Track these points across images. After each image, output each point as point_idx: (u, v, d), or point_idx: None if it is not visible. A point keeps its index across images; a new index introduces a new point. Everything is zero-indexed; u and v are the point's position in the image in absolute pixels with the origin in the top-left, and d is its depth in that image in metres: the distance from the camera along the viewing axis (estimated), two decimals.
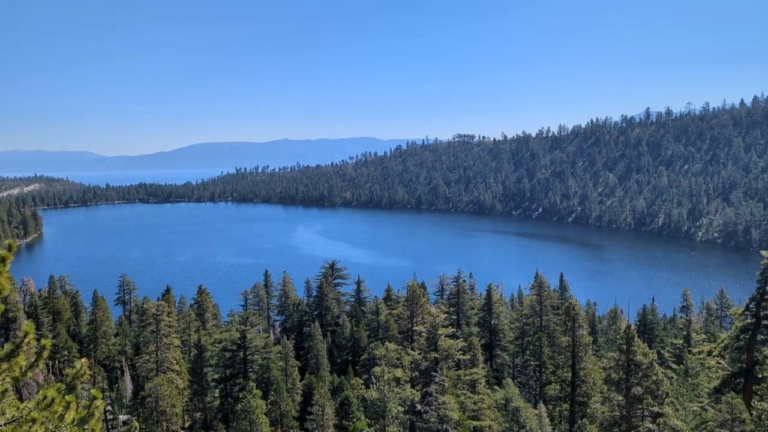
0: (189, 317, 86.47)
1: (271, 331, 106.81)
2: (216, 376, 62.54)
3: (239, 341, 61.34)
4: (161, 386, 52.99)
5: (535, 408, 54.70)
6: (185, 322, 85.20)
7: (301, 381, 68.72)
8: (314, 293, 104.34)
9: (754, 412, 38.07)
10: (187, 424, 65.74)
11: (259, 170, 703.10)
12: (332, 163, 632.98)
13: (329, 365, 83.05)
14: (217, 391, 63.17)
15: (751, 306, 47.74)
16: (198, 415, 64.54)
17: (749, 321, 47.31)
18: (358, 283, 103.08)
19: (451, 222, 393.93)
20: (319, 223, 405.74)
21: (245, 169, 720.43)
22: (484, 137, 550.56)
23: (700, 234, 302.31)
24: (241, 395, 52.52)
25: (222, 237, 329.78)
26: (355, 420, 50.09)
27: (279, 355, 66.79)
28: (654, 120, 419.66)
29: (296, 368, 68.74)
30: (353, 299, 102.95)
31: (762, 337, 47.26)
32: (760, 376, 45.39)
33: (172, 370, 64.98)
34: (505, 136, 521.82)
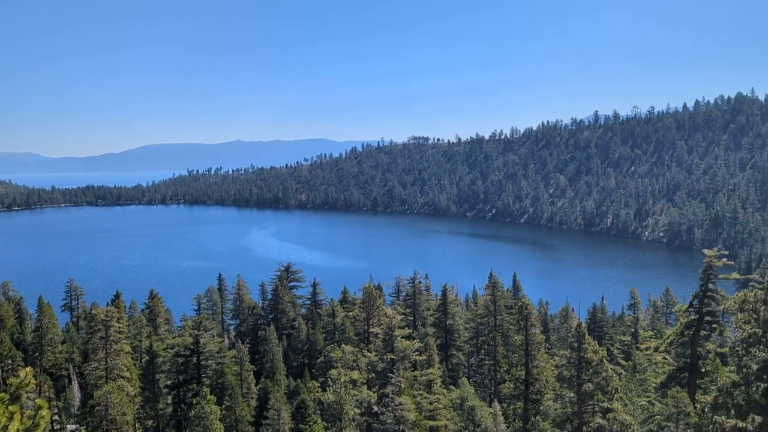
0: (140, 323, 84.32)
1: (226, 336, 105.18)
2: (168, 383, 61.20)
3: (192, 346, 60.19)
4: (111, 394, 51.51)
5: (490, 406, 55.47)
6: (136, 328, 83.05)
7: (256, 385, 67.88)
8: (269, 296, 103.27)
9: (698, 405, 39.49)
10: None
11: (212, 172, 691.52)
12: (287, 165, 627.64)
13: (285, 369, 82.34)
14: (169, 397, 61.81)
15: (694, 303, 49.61)
16: (150, 422, 63.01)
17: (693, 317, 49.15)
18: (314, 285, 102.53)
19: (407, 223, 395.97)
20: (273, 225, 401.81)
21: (198, 170, 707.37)
22: (438, 139, 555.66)
23: (646, 234, 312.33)
24: (194, 401, 51.55)
25: (174, 240, 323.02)
26: (311, 423, 49.78)
27: (234, 359, 65.83)
28: (602, 123, 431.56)
29: (251, 372, 67.86)
30: (309, 302, 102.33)
31: (705, 332, 49.16)
32: (703, 370, 47.20)
33: (122, 377, 63.23)
34: (459, 139, 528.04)
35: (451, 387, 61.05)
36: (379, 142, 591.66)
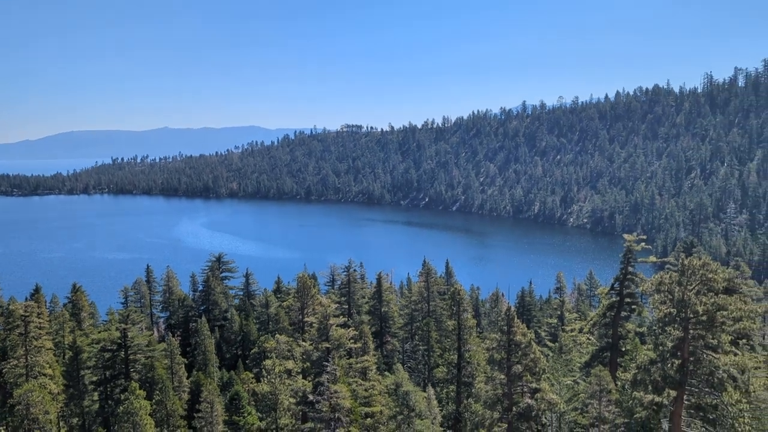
0: (62, 317, 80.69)
1: (155, 329, 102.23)
2: (94, 379, 59.03)
3: (120, 340, 58.25)
4: (32, 392, 49.19)
5: (424, 391, 56.53)
6: (58, 323, 79.43)
7: (188, 378, 66.45)
8: (200, 288, 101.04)
9: (619, 383, 41.64)
10: (63, 431, 61.57)
11: (138, 160, 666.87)
12: (217, 153, 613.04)
13: (218, 361, 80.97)
14: (96, 394, 59.65)
15: (615, 285, 52.12)
16: (75, 420, 60.65)
17: (614, 299, 51.63)
18: (247, 276, 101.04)
19: (341, 212, 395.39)
20: (204, 215, 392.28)
21: (122, 159, 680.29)
22: (371, 127, 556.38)
23: (571, 220, 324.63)
24: (122, 397, 49.97)
25: (98, 231, 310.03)
26: (245, 414, 49.29)
27: (164, 352, 64.14)
28: (530, 113, 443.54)
29: (182, 366, 66.36)
30: (242, 293, 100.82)
31: (625, 313, 51.74)
32: (623, 349, 49.72)
33: (44, 375, 60.43)
34: (392, 127, 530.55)
35: (386, 373, 61.76)
36: (311, 129, 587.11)
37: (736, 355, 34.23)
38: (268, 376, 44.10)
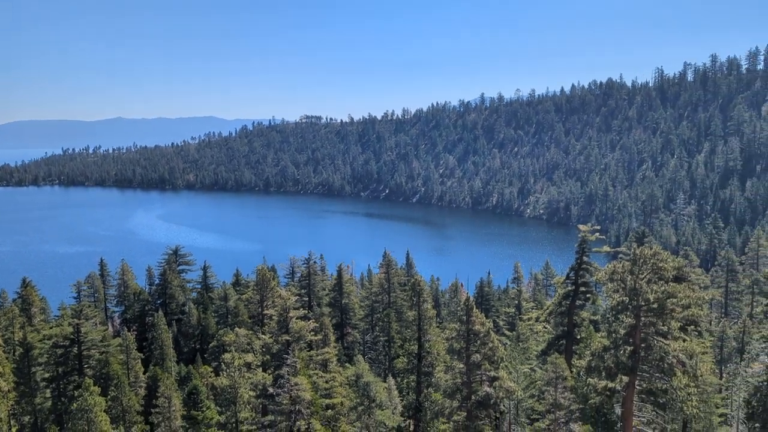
0: (12, 313, 78.06)
1: (110, 324, 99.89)
2: (47, 375, 57.45)
3: (72, 336, 56.80)
4: None
5: (385, 381, 56.91)
6: (7, 319, 76.84)
7: (144, 374, 65.24)
8: (157, 281, 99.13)
9: (574, 370, 42.73)
10: (14, 430, 59.76)
11: (91, 151, 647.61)
12: (173, 144, 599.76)
13: (175, 355, 79.73)
14: (48, 391, 58.06)
15: (570, 275, 53.34)
16: (27, 418, 58.92)
17: (569, 288, 52.86)
18: (205, 268, 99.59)
19: (301, 204, 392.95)
20: (160, 207, 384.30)
21: (74, 149, 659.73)
22: (331, 119, 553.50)
23: (528, 211, 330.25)
24: (76, 394, 48.75)
25: (49, 224, 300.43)
26: (204, 409, 48.74)
27: (119, 348, 62.80)
28: (488, 105, 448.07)
29: (139, 361, 65.10)
30: (200, 286, 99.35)
31: (580, 302, 53.04)
32: (578, 337, 50.98)
33: None
34: (352, 118, 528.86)
35: (347, 365, 61.91)
36: (270, 120, 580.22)
37: (684, 341, 35.53)
38: (228, 370, 43.66)
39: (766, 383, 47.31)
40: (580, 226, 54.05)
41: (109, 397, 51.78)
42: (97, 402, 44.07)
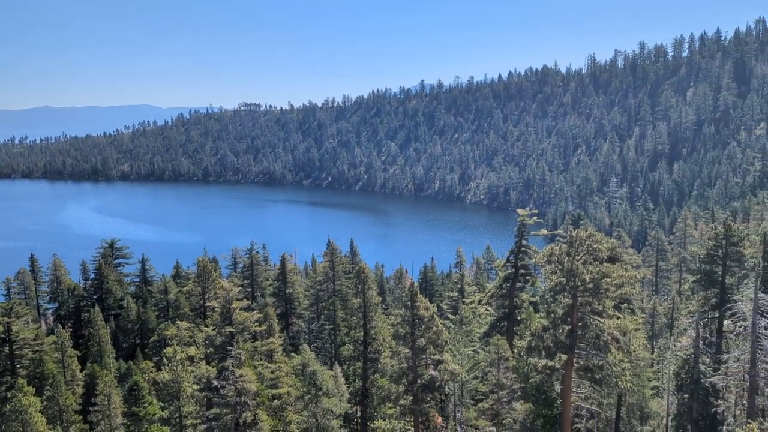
0: None
1: (43, 321, 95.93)
2: None
3: (3, 335, 54.32)
4: None
5: (331, 369, 57.01)
6: None
7: (82, 371, 63.09)
8: (92, 276, 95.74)
9: (515, 350, 43.98)
10: None
11: (17, 141, 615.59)
12: (105, 133, 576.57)
13: (114, 351, 77.37)
14: None
15: (510, 258, 54.69)
16: None
17: (510, 271, 54.20)
18: (143, 261, 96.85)
19: (242, 193, 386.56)
20: (93, 199, 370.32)
21: None
22: (271, 106, 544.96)
23: (469, 197, 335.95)
24: (9, 395, 46.66)
25: None
26: (146, 405, 47.61)
27: (53, 346, 60.45)
28: (428, 92, 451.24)
29: (75, 358, 62.85)
30: (138, 279, 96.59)
31: (520, 284, 54.48)
32: (519, 318, 52.44)
33: None
34: (292, 106, 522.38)
35: (293, 354, 61.63)
36: (208, 108, 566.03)
37: (618, 318, 37.08)
38: (170, 364, 42.80)
39: (693, 356, 49.97)
40: (519, 211, 55.45)
41: (44, 397, 49.86)
42: (32, 402, 42.40)
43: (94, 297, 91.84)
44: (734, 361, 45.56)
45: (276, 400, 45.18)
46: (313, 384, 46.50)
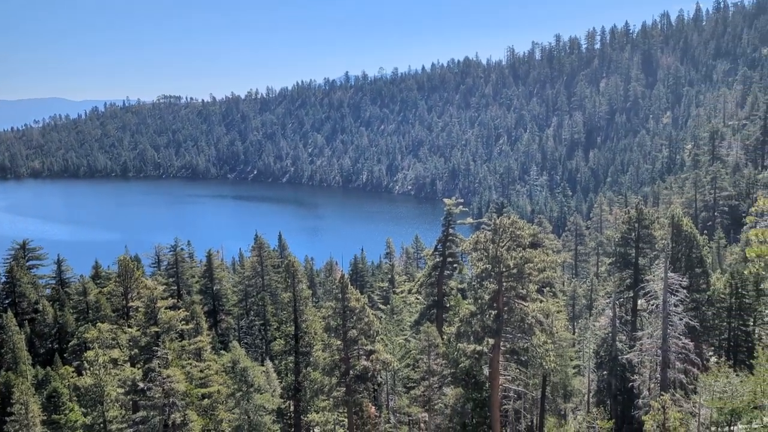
0: None
1: None
2: None
3: None
4: None
5: (263, 365, 56.42)
6: None
7: None
8: (3, 279, 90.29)
9: (445, 337, 44.96)
10: None
11: None
12: (12, 128, 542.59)
13: (30, 357, 73.43)
14: None
15: (438, 247, 55.74)
16: None
17: (438, 260, 55.24)
18: (59, 262, 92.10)
19: (164, 189, 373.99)
20: (1, 198, 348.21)
21: None
22: (191, 98, 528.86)
23: (397, 187, 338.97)
24: None
25: None
26: (67, 411, 45.59)
27: None
28: (353, 83, 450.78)
29: None
30: (54, 281, 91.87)
31: (448, 272, 55.64)
32: (448, 305, 53.59)
33: None
34: (214, 98, 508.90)
35: (223, 352, 60.52)
36: (124, 101, 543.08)
37: (541, 301, 38.60)
38: (91, 368, 41.06)
39: (610, 335, 52.66)
40: (445, 200, 56.57)
41: None
42: None
43: (6, 302, 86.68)
44: (648, 338, 48.38)
45: (206, 399, 44.31)
46: (243, 381, 45.89)
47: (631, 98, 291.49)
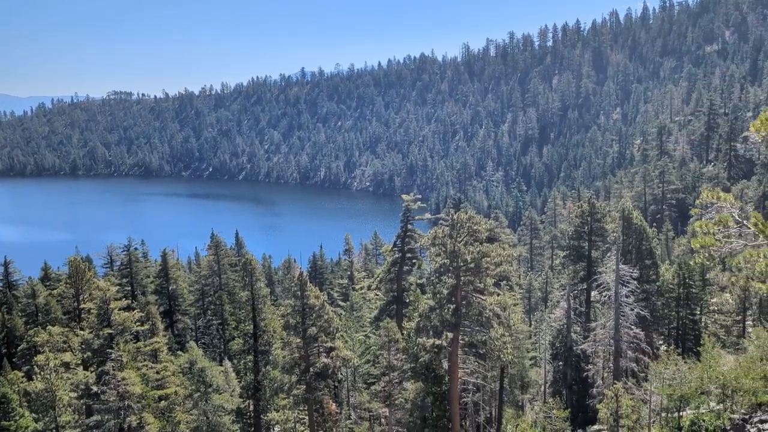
0: None
1: None
2: None
3: None
4: None
5: (221, 365, 55.72)
6: None
7: None
8: None
9: (405, 332, 45.26)
10: None
11: None
12: None
13: None
14: None
15: (397, 243, 56.03)
16: None
17: (397, 255, 55.53)
18: (5, 264, 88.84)
19: (116, 187, 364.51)
20: None
21: None
22: (143, 94, 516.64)
23: (355, 184, 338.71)
24: None
25: None
26: (17, 418, 44.13)
27: None
28: (309, 80, 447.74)
29: None
30: (1, 284, 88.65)
31: (407, 267, 55.99)
32: (407, 300, 53.97)
33: None
34: (167, 94, 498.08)
35: (179, 352, 59.53)
36: (72, 97, 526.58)
37: (499, 295, 39.24)
38: (42, 373, 39.86)
39: (565, 326, 53.90)
40: (404, 196, 56.89)
41: None
42: None
43: None
44: (601, 328, 49.75)
45: (163, 401, 43.55)
46: (201, 381, 45.27)
47: (582, 95, 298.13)
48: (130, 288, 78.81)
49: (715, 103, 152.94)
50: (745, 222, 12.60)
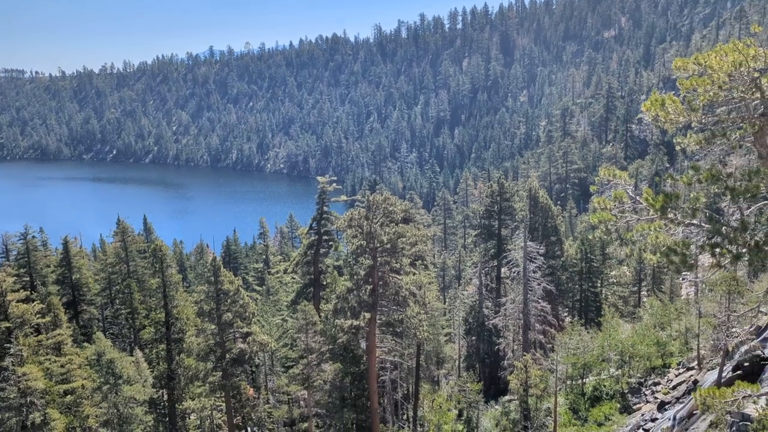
0: None
1: None
2: None
3: None
4: None
5: (132, 355, 53.78)
6: None
7: None
8: None
9: (323, 314, 45.41)
10: None
11: None
12: None
13: None
14: None
15: (313, 225, 55.85)
16: None
17: (313, 238, 55.39)
18: None
19: (9, 171, 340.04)
20: None
21: None
22: (37, 72, 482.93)
23: (269, 166, 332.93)
24: None
25: None
26: None
27: None
28: (218, 59, 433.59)
29: None
30: None
31: (324, 250, 55.99)
32: (324, 283, 54.05)
33: None
34: (64, 72, 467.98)
35: (86, 344, 56.90)
36: None
37: (414, 274, 40.10)
38: None
39: (478, 302, 55.90)
40: (319, 178, 56.65)
41: None
42: None
43: None
44: (511, 303, 51.98)
45: (69, 396, 41.61)
46: (110, 373, 43.57)
47: (491, 77, 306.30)
48: (28, 279, 74.14)
49: (613, 86, 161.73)
50: (637, 197, 13.61)
